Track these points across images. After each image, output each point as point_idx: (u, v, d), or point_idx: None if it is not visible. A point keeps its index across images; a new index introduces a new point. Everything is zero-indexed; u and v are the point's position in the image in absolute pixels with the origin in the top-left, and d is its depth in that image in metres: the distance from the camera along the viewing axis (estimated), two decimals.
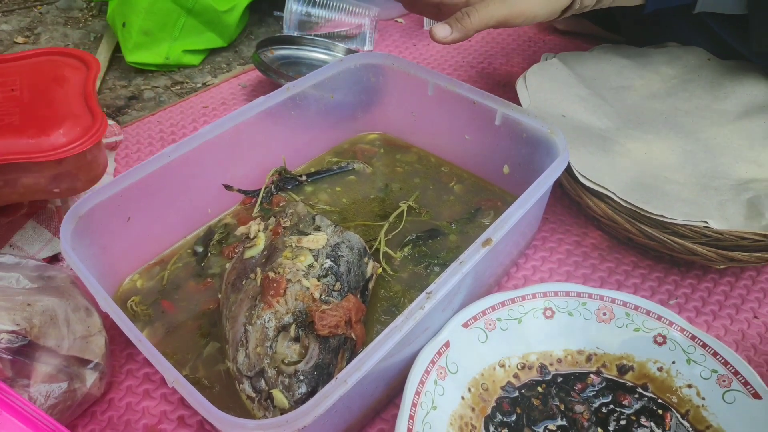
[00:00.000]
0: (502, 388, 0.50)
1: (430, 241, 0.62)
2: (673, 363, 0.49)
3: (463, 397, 0.48)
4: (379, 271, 0.57)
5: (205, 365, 0.51)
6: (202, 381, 0.50)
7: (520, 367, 0.51)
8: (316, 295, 0.48)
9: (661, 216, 0.55)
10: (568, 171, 0.59)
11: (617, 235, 0.63)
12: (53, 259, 0.63)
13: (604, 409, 0.48)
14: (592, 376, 0.51)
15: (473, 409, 0.47)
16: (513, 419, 0.48)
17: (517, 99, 0.68)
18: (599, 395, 0.49)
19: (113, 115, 0.90)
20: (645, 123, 0.68)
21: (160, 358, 0.40)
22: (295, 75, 0.79)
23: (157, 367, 0.40)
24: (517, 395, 0.49)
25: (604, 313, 0.52)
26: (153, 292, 0.58)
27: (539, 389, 0.50)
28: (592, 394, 0.50)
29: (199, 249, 0.61)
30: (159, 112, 0.86)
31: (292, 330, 0.46)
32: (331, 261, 0.51)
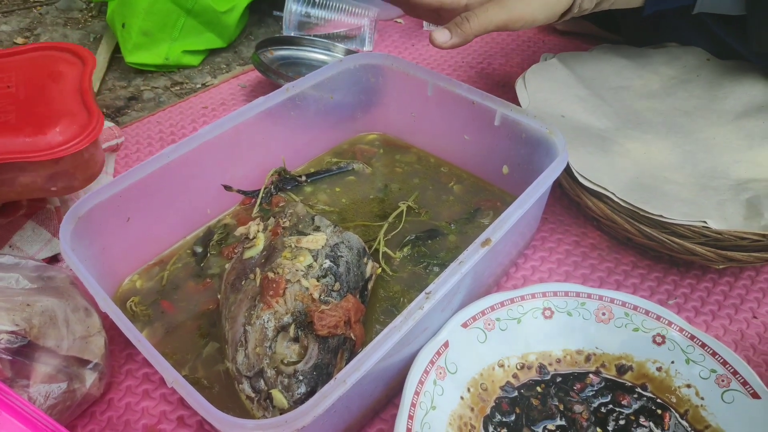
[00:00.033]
0: (501, 388, 0.50)
1: (430, 242, 0.62)
2: (672, 363, 0.49)
3: (462, 397, 0.48)
4: (379, 271, 0.57)
5: (204, 365, 0.51)
6: (202, 381, 0.50)
7: (519, 367, 0.51)
8: (316, 295, 0.48)
9: (660, 216, 0.55)
10: (567, 171, 0.59)
11: (616, 235, 0.63)
12: (53, 259, 0.63)
13: (603, 409, 0.48)
14: (591, 376, 0.51)
15: (472, 409, 0.47)
16: (512, 419, 0.48)
17: (516, 99, 0.68)
18: (598, 395, 0.49)
19: (113, 116, 0.90)
20: (644, 123, 0.68)
21: (160, 359, 0.40)
22: (295, 75, 0.79)
23: (156, 368, 0.40)
24: (516, 395, 0.49)
25: (603, 313, 0.52)
26: (152, 292, 0.58)
27: (538, 389, 0.50)
28: (591, 394, 0.50)
29: (199, 249, 0.61)
30: (158, 112, 0.86)
31: (292, 330, 0.46)
32: (331, 261, 0.51)
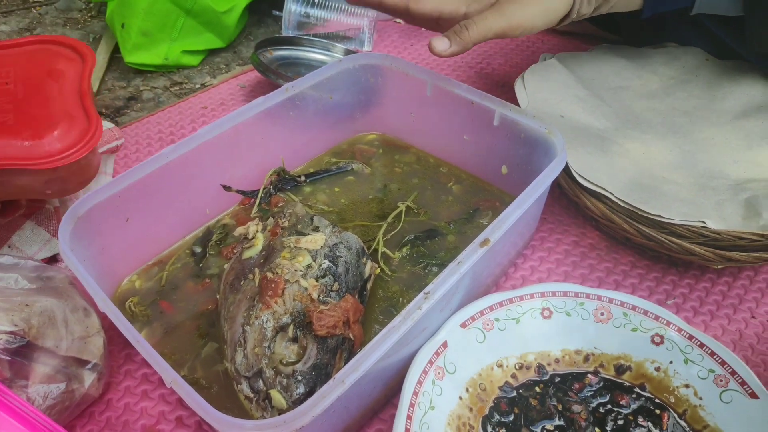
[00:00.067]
0: (500, 388, 0.50)
1: (429, 242, 0.62)
2: (670, 363, 0.49)
3: (460, 397, 0.48)
4: (378, 271, 0.57)
5: (203, 366, 0.51)
6: (201, 381, 0.50)
7: (517, 367, 0.51)
8: (314, 295, 0.48)
9: (659, 216, 0.55)
10: (566, 171, 0.59)
11: (615, 235, 0.64)
12: (52, 259, 0.63)
13: (602, 409, 0.48)
14: (589, 376, 0.51)
15: (471, 409, 0.47)
16: (511, 419, 0.48)
17: (515, 99, 0.68)
18: (597, 395, 0.50)
19: (112, 116, 0.90)
20: (643, 123, 0.68)
21: (159, 359, 0.40)
22: (294, 75, 0.79)
23: (155, 368, 0.40)
24: (515, 395, 0.49)
25: (602, 313, 0.52)
26: (151, 292, 0.58)
27: (537, 389, 0.50)
28: (589, 394, 0.50)
29: (198, 249, 0.61)
30: (158, 112, 0.86)
31: (290, 330, 0.46)
32: (330, 261, 0.51)
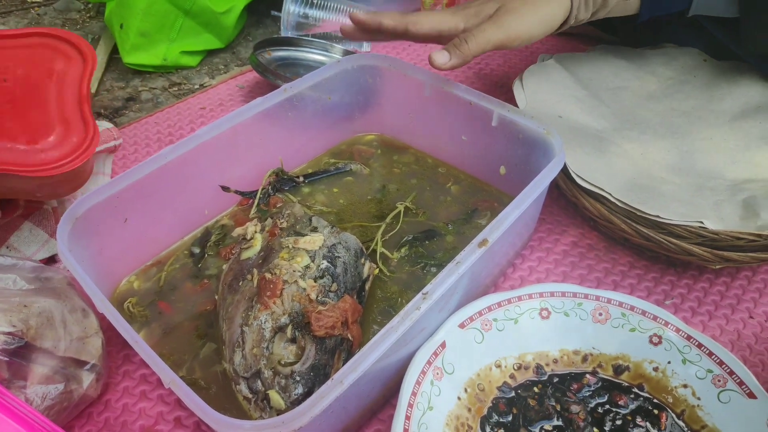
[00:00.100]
0: (499, 389, 0.50)
1: (427, 242, 0.62)
2: (668, 363, 0.49)
3: (459, 398, 0.48)
4: (376, 271, 0.57)
5: (201, 366, 0.51)
6: (199, 382, 0.50)
7: (516, 367, 0.51)
8: (313, 296, 0.48)
9: (657, 216, 0.55)
10: (565, 172, 0.59)
11: (614, 236, 0.64)
12: (50, 260, 0.63)
13: (600, 410, 0.48)
14: (588, 376, 0.51)
15: (469, 409, 0.48)
16: (509, 419, 0.48)
17: (513, 100, 0.68)
18: (595, 395, 0.50)
19: (110, 117, 0.90)
20: (641, 124, 0.68)
21: (157, 360, 0.40)
22: (293, 76, 0.79)
23: (153, 369, 0.40)
24: (513, 395, 0.49)
25: (600, 314, 0.52)
26: (150, 293, 0.58)
27: (535, 389, 0.50)
28: (588, 394, 0.50)
29: (196, 250, 0.61)
30: (156, 113, 0.86)
31: (289, 331, 0.46)
32: (328, 262, 0.51)
